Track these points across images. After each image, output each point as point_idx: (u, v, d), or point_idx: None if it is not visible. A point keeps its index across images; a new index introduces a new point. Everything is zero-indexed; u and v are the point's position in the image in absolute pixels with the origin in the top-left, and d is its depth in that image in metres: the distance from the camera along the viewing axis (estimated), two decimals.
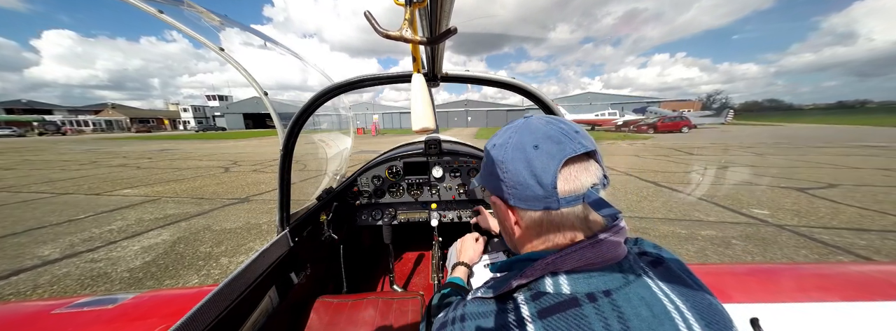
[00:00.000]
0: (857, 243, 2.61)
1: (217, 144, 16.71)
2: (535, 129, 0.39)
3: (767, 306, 0.76)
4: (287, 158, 0.97)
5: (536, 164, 0.36)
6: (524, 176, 0.37)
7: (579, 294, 0.34)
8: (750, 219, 3.28)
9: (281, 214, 1.01)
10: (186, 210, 4.01)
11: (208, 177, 6.55)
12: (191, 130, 51.45)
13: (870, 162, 6.92)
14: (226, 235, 3.10)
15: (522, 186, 0.37)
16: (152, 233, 3.20)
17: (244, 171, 7.33)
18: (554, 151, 0.36)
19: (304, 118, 0.95)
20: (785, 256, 2.43)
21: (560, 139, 0.37)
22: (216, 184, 5.76)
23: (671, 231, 2.97)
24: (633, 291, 0.34)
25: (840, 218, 3.26)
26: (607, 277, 0.35)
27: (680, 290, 0.36)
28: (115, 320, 0.85)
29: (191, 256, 2.66)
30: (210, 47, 0.93)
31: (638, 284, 0.35)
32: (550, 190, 0.35)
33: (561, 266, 0.36)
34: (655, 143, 13.15)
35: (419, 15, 0.42)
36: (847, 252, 2.45)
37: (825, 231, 2.90)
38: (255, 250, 1.29)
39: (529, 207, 0.38)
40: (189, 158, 10.07)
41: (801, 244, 2.62)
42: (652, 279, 0.36)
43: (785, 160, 7.43)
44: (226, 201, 4.42)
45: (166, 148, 14.91)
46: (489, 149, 0.43)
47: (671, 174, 5.89)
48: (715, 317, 0.35)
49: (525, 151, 0.37)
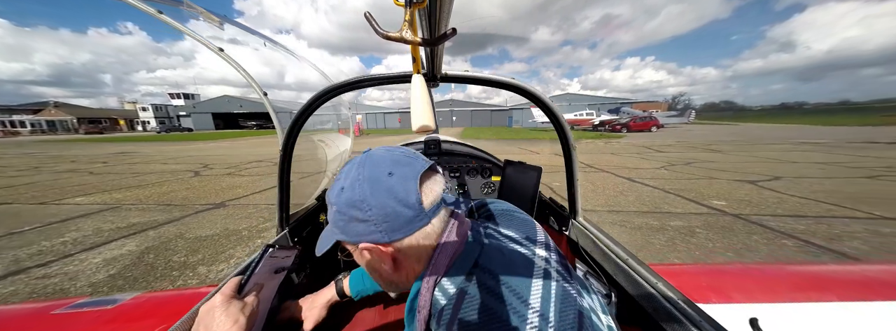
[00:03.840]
0: (797, 228, 2.98)
1: (183, 146, 15.52)
2: (379, 159, 0.39)
3: (767, 307, 0.76)
4: (286, 158, 0.97)
5: (398, 188, 0.36)
6: (390, 205, 0.36)
7: (460, 283, 0.36)
8: (710, 209, 3.63)
9: (281, 214, 1.01)
10: (153, 218, 3.72)
11: (176, 182, 6.08)
12: (152, 131, 47.25)
13: (806, 157, 7.86)
14: (202, 243, 2.91)
15: (392, 217, 0.36)
16: (115, 244, 2.94)
17: (217, 174, 6.88)
18: (408, 173, 0.37)
19: (303, 118, 0.95)
20: (739, 241, 2.72)
21: (408, 161, 0.39)
22: (186, 189, 5.37)
23: (644, 223, 3.22)
24: (489, 248, 0.40)
25: (784, 206, 3.69)
26: (468, 252, 0.39)
27: (507, 224, 0.47)
28: (115, 320, 0.85)
29: (163, 266, 2.48)
30: (209, 48, 0.91)
31: (489, 240, 0.41)
32: (418, 208, 0.36)
33: (439, 273, 0.37)
34: (629, 141, 14.04)
35: (419, 16, 0.42)
36: (790, 237, 2.79)
37: (773, 218, 3.28)
38: (253, 250, 1.25)
39: (404, 235, 0.37)
40: (152, 162, 9.27)
41: (753, 231, 2.95)
42: (494, 230, 0.44)
43: (738, 156, 8.24)
44: (199, 207, 4.15)
45: (124, 151, 13.61)
46: (336, 198, 0.39)
47: (643, 170, 6.33)
48: (528, 229, 0.46)
49: (380, 181, 0.37)
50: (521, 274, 0.36)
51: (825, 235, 2.81)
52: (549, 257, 0.41)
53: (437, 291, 0.37)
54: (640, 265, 0.63)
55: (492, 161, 1.56)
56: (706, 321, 0.47)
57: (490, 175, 1.55)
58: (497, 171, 1.54)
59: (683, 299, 0.52)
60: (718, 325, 0.46)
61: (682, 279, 0.92)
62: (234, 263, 2.50)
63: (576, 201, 0.92)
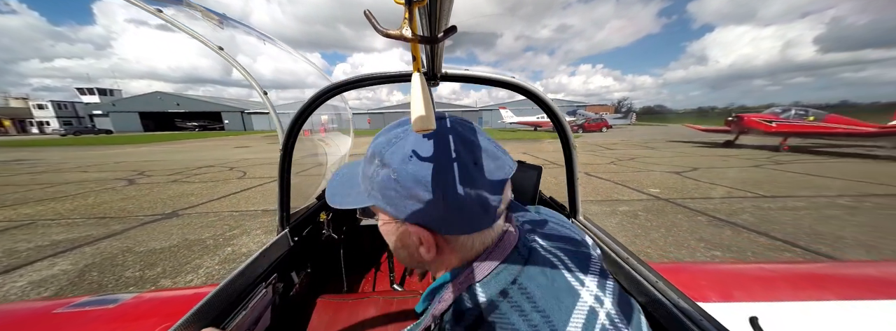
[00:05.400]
0: (708, 207, 3.75)
1: (103, 151, 13.10)
2: (467, 140, 0.33)
3: (767, 305, 0.75)
4: (286, 157, 0.96)
5: (480, 184, 0.31)
6: (464, 199, 0.31)
7: (494, 296, 0.32)
8: (649, 196, 4.34)
9: (281, 213, 1.01)
10: (86, 233, 3.21)
11: (105, 192, 5.22)
12: (55, 134, 38.74)
13: (714, 152, 9.72)
14: (158, 255, 2.63)
15: (460, 211, 0.32)
16: (40, 264, 2.50)
17: (159, 182, 6.04)
18: (496, 171, 0.33)
19: (303, 118, 0.93)
20: (669, 220, 3.34)
21: (498, 156, 0.34)
22: (121, 199, 4.66)
23: (600, 210, 3.76)
24: (531, 266, 0.34)
25: (699, 191, 4.58)
26: (510, 266, 0.34)
27: (558, 245, 0.38)
28: (116, 320, 0.84)
29: (114, 283, 2.21)
30: (209, 46, 0.93)
31: (533, 257, 0.35)
32: (492, 212, 0.33)
33: (474, 278, 0.33)
34: (584, 140, 15.74)
35: (419, 13, 0.42)
36: (703, 214, 3.50)
37: (692, 201, 4.05)
38: (253, 250, 1.26)
39: (461, 232, 0.34)
40: (63, 170, 7.74)
41: (678, 211, 3.63)
42: (539, 245, 0.36)
43: (669, 152, 9.83)
44: (144, 219, 3.67)
45: (19, 158, 11.04)
46: (399, 164, 0.32)
47: (598, 165, 7.23)
48: (581, 255, 0.38)
49: (467, 168, 0.31)
50: (561, 307, 0.31)
51: (726, 211, 3.59)
52: (601, 295, 0.33)
53: (466, 292, 0.34)
54: (640, 264, 0.63)
55: None
56: (706, 320, 0.46)
57: None
58: None
59: (683, 297, 0.51)
60: (718, 324, 0.45)
61: (682, 278, 0.91)
62: (204, 273, 2.33)
63: (576, 201, 0.92)
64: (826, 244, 2.65)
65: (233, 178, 6.35)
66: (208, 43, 0.94)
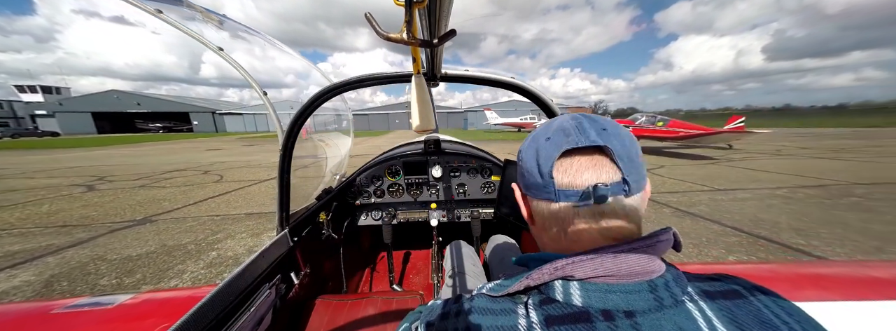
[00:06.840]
0: (672, 200, 4.14)
1: (52, 156, 11.85)
2: (555, 123, 0.40)
3: None
4: (286, 157, 0.96)
5: (542, 152, 0.37)
6: (531, 163, 0.38)
7: (592, 309, 0.30)
8: None
9: (281, 213, 1.00)
10: (47, 242, 2.97)
11: (62, 199, 4.79)
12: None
13: (682, 150, 10.58)
14: (135, 262, 2.51)
15: (529, 173, 0.38)
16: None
17: (123, 187, 5.62)
18: (560, 142, 0.36)
19: (303, 118, 0.94)
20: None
21: (570, 132, 0.36)
22: (82, 207, 4.31)
23: None
24: (668, 318, 0.29)
25: (665, 186, 5.01)
26: (633, 296, 0.31)
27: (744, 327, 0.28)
28: (115, 320, 0.83)
29: (89, 292, 2.09)
30: (209, 47, 0.95)
31: (677, 312, 0.30)
32: (548, 179, 0.35)
33: (573, 273, 0.32)
34: None
35: (419, 16, 0.42)
36: (667, 206, 3.87)
37: (658, 195, 4.44)
38: (253, 250, 1.29)
39: (535, 196, 0.38)
40: (4, 177, 6.96)
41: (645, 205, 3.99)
42: (701, 310, 0.30)
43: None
44: (113, 226, 3.44)
45: None
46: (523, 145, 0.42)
47: None
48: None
49: (538, 140, 0.39)
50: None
51: (686, 203, 3.99)
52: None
53: (560, 283, 0.32)
54: None
55: (491, 160, 1.55)
56: None
57: (490, 175, 1.54)
58: (497, 170, 1.54)
59: None
60: None
61: None
62: (189, 277, 2.26)
63: None
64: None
65: (209, 181, 6.04)
66: (208, 44, 0.94)
